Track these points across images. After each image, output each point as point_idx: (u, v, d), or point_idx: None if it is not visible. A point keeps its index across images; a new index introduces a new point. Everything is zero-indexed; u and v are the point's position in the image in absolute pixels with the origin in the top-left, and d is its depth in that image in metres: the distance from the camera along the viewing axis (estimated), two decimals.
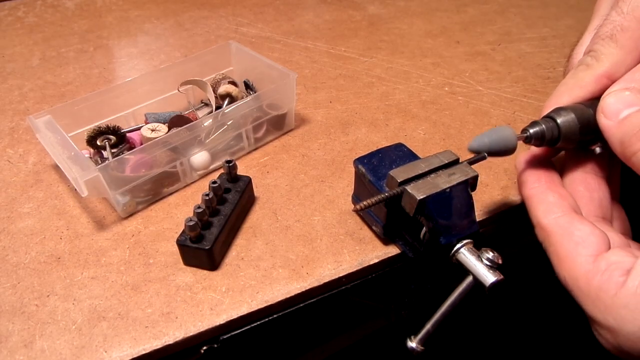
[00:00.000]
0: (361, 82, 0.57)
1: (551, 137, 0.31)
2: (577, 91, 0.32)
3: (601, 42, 0.31)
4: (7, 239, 0.39)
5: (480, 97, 0.55)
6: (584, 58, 0.32)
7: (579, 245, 0.27)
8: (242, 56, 0.52)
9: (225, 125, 0.44)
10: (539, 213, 0.30)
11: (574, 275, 0.27)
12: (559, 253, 0.28)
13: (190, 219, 0.34)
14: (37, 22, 0.73)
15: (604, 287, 0.25)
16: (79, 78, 0.60)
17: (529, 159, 0.34)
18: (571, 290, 0.28)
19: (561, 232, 0.28)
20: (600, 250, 0.27)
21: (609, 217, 0.32)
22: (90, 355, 0.31)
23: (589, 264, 0.27)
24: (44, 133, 0.40)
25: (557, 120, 0.31)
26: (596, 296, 0.26)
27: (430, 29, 0.69)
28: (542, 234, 0.30)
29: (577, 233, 0.28)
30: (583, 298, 0.27)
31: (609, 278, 0.25)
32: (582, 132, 0.31)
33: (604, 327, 0.26)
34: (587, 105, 0.31)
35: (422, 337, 0.30)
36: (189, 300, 0.34)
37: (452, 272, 0.32)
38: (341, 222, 0.40)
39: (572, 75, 0.33)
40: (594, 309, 0.26)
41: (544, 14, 0.72)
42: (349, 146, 0.48)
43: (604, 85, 0.31)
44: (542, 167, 0.33)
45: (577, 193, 0.32)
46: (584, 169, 0.32)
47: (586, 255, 0.27)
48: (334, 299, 0.36)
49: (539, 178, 0.32)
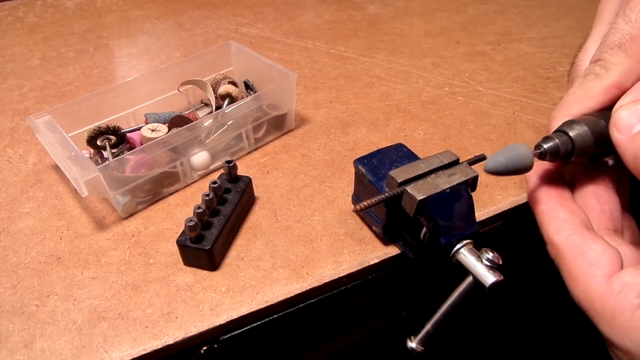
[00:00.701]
0: (361, 82, 0.57)
1: (565, 151, 0.30)
2: (587, 102, 0.31)
3: (610, 52, 0.30)
4: (7, 239, 0.39)
5: (480, 97, 0.55)
6: (592, 67, 0.32)
7: (592, 265, 0.27)
8: (242, 56, 0.52)
9: (225, 125, 0.44)
10: (551, 230, 0.30)
11: (588, 296, 0.27)
12: (571, 272, 0.28)
13: (191, 219, 0.34)
14: (37, 22, 0.73)
15: (619, 309, 0.25)
16: (79, 78, 0.60)
17: (539, 174, 0.33)
18: (586, 311, 0.27)
19: (573, 250, 0.28)
20: (613, 269, 0.27)
21: (619, 229, 0.31)
22: (91, 355, 0.31)
23: (602, 285, 0.26)
24: (44, 133, 0.40)
25: (570, 134, 0.30)
26: (612, 318, 0.25)
27: (430, 29, 0.69)
28: (554, 251, 0.29)
29: (590, 252, 0.27)
30: (599, 319, 0.26)
31: (624, 300, 0.25)
32: (597, 146, 0.30)
33: (621, 350, 0.26)
34: (597, 116, 0.30)
35: (422, 337, 0.30)
36: (189, 300, 0.34)
37: (452, 272, 0.32)
38: (341, 222, 0.40)
39: (581, 85, 0.32)
40: (610, 330, 0.26)
41: (544, 14, 0.72)
42: (349, 146, 0.48)
43: (613, 96, 0.30)
44: (552, 181, 0.32)
45: (588, 206, 0.31)
46: (594, 181, 0.32)
47: (600, 275, 0.27)
48: (334, 299, 0.36)
49: (550, 194, 0.31)
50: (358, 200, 0.39)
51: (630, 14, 0.30)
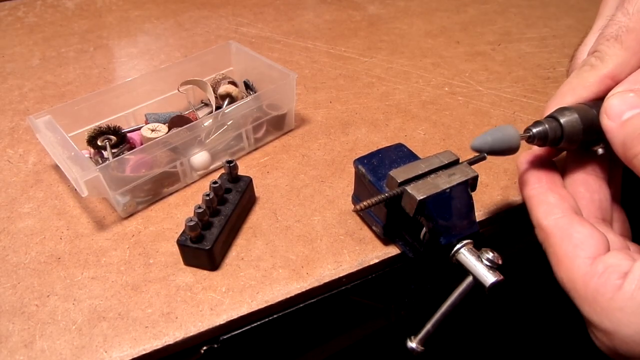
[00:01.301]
0: (361, 82, 0.57)
1: (554, 137, 0.31)
2: (580, 91, 0.32)
3: (606, 43, 0.31)
4: (7, 239, 0.39)
5: (480, 97, 0.55)
6: (588, 58, 0.32)
7: (577, 247, 0.27)
8: (242, 56, 0.52)
9: (225, 125, 0.44)
10: (539, 214, 0.30)
11: (571, 277, 0.27)
12: (557, 254, 0.28)
13: (191, 219, 0.34)
14: (37, 22, 0.73)
15: (601, 290, 0.25)
16: (79, 78, 0.60)
17: (530, 159, 0.34)
18: (569, 292, 0.28)
19: (560, 233, 0.28)
20: (598, 252, 0.27)
21: (609, 219, 0.32)
22: (91, 355, 0.31)
23: (586, 266, 0.27)
24: (44, 133, 0.40)
25: (561, 120, 0.30)
26: (593, 298, 0.26)
27: (430, 29, 0.69)
28: (542, 234, 0.30)
29: (576, 235, 0.28)
30: (580, 300, 0.27)
31: (606, 281, 0.25)
32: (585, 133, 0.30)
33: (600, 330, 0.26)
34: (590, 105, 0.31)
35: (422, 337, 0.30)
36: (189, 300, 0.34)
37: (452, 272, 0.32)
38: (341, 222, 0.40)
39: (576, 75, 0.32)
40: (591, 311, 0.26)
41: (544, 14, 0.72)
42: (349, 146, 0.48)
43: (608, 86, 0.31)
44: (544, 167, 0.33)
45: (578, 194, 0.32)
46: (585, 170, 0.32)
47: (584, 257, 0.27)
48: (334, 299, 0.36)
49: (540, 178, 0.32)
50: (358, 200, 0.39)
51: (629, 6, 0.30)
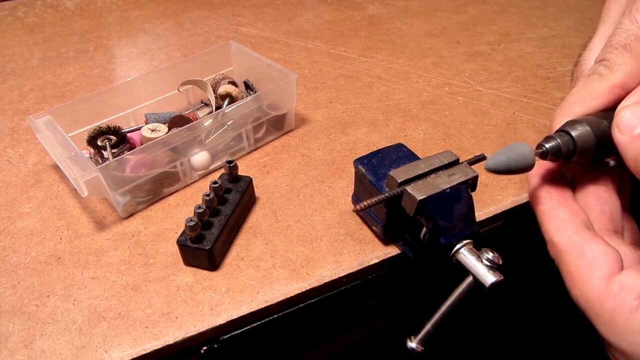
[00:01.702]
0: (361, 82, 0.57)
1: (567, 151, 0.30)
2: (590, 102, 0.31)
3: (615, 52, 0.30)
4: (7, 239, 0.39)
5: (480, 97, 0.55)
6: (597, 67, 0.31)
7: (591, 265, 0.27)
8: (242, 56, 0.52)
9: (225, 125, 0.44)
10: (551, 230, 0.30)
11: (587, 296, 0.27)
12: (571, 272, 0.28)
13: (191, 219, 0.34)
14: (37, 22, 0.73)
15: (618, 311, 0.25)
16: (79, 78, 0.60)
17: (540, 173, 0.33)
18: (584, 311, 0.27)
19: (573, 251, 0.28)
20: (612, 271, 0.27)
21: (620, 230, 0.31)
22: (91, 355, 0.31)
23: (602, 285, 0.26)
24: (44, 133, 0.40)
25: (572, 133, 0.29)
26: (610, 319, 0.25)
27: (430, 29, 0.69)
28: (554, 251, 0.29)
29: (589, 253, 0.27)
30: (597, 320, 0.26)
31: (622, 301, 0.25)
32: (598, 146, 0.30)
33: (618, 351, 0.26)
34: (600, 116, 0.30)
35: (422, 337, 0.30)
36: (189, 300, 0.34)
37: (452, 272, 0.32)
38: (341, 222, 0.40)
39: (584, 84, 0.32)
40: (608, 331, 0.26)
41: (544, 14, 0.72)
42: (349, 146, 0.48)
43: (617, 96, 0.30)
44: (554, 181, 0.32)
45: (589, 206, 0.31)
46: (595, 181, 0.32)
47: (599, 276, 0.27)
48: (334, 299, 0.36)
49: (550, 193, 0.31)
50: (358, 200, 0.39)
51: (637, 14, 0.30)
